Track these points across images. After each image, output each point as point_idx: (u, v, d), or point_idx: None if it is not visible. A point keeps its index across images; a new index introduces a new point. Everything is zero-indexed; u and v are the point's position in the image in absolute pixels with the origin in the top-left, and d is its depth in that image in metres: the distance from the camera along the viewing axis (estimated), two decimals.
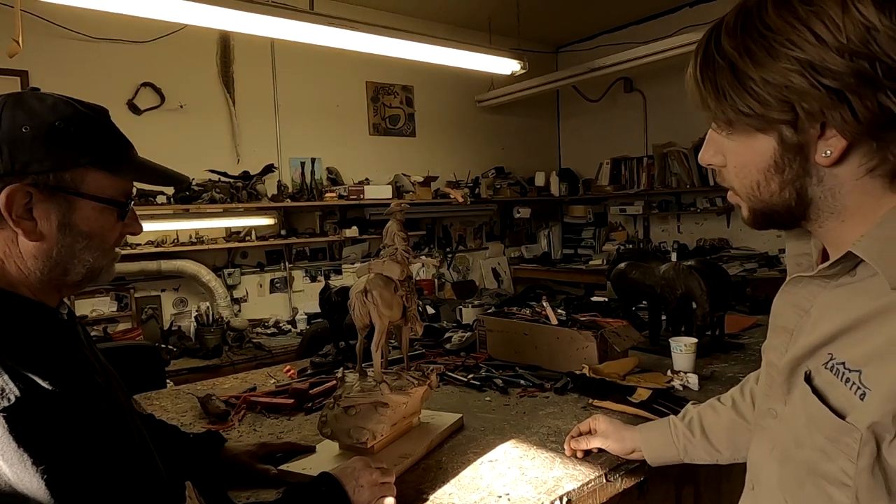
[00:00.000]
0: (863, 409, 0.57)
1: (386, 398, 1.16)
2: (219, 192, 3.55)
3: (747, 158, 0.64)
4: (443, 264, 5.01)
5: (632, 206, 5.15)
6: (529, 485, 1.09)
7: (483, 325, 1.99)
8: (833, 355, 0.63)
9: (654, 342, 1.96)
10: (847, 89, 0.55)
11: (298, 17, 2.62)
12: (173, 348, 3.34)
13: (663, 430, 1.11)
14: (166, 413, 1.58)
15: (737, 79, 0.60)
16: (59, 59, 3.27)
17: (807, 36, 0.56)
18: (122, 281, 3.51)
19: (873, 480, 0.57)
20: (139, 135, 3.64)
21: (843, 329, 0.62)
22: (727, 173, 0.68)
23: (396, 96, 4.67)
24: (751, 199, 0.67)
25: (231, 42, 3.83)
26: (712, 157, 0.69)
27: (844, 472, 0.59)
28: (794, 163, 0.61)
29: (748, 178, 0.65)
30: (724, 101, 0.62)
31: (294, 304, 4.14)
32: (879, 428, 0.56)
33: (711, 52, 0.63)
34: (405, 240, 1.25)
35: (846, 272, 0.64)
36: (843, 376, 0.60)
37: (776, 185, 0.63)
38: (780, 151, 0.61)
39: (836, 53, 0.55)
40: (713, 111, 0.64)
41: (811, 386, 0.65)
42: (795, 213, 0.65)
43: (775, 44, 0.57)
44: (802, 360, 0.67)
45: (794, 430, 0.67)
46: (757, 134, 0.62)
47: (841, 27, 0.54)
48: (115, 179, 0.83)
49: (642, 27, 4.88)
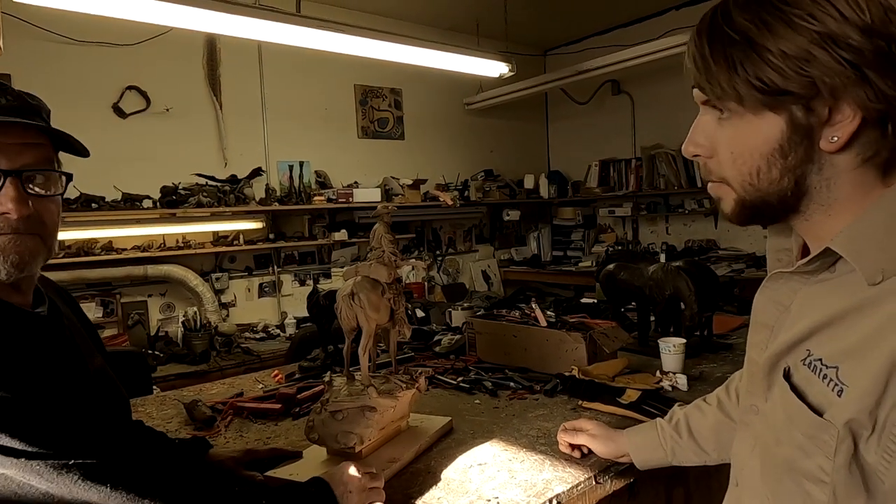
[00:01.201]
0: (840, 405, 0.57)
1: (374, 402, 1.15)
2: (206, 196, 3.52)
3: (750, 143, 0.62)
4: (432, 267, 5.00)
5: (620, 208, 5.17)
6: (519, 488, 1.08)
7: (472, 327, 1.98)
8: (811, 351, 0.62)
9: (642, 343, 1.97)
10: (867, 66, 0.55)
11: (285, 20, 2.61)
12: (160, 354, 3.30)
13: (650, 433, 1.11)
14: (151, 420, 1.56)
15: (753, 51, 0.58)
16: (43, 61, 3.23)
17: (829, 10, 0.55)
18: (107, 286, 3.47)
19: (850, 477, 0.57)
20: (125, 139, 3.61)
21: (821, 325, 0.62)
22: (716, 162, 0.66)
23: (385, 99, 4.66)
24: (745, 189, 0.64)
25: (218, 45, 3.80)
26: (699, 147, 0.67)
27: (822, 468, 0.59)
28: (799, 147, 0.60)
29: (747, 165, 0.63)
30: (736, 74, 0.59)
31: (283, 308, 4.12)
32: (856, 425, 0.56)
33: (720, 27, 0.60)
34: (392, 242, 1.24)
35: (826, 268, 0.64)
36: (821, 373, 0.60)
37: (777, 171, 0.61)
38: (788, 134, 0.59)
39: (858, 31, 0.54)
40: (722, 87, 0.61)
41: (790, 382, 0.64)
42: (788, 204, 0.63)
43: (794, 17, 0.56)
44: (781, 356, 0.67)
45: (774, 427, 0.67)
46: (765, 113, 0.60)
47: (864, 7, 0.55)
48: None
49: (629, 30, 4.91)
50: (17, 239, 0.82)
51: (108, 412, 0.93)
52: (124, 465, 0.77)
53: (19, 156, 0.82)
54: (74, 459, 0.73)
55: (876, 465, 0.55)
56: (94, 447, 0.76)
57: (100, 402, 0.91)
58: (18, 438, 0.72)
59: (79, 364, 0.89)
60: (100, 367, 0.96)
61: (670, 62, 3.98)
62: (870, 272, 0.57)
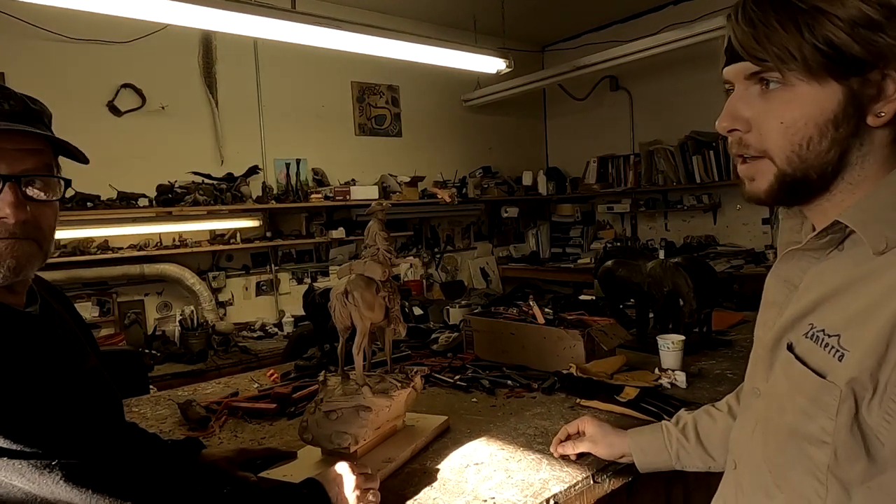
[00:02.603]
0: (842, 368, 0.59)
1: (368, 402, 1.14)
2: (202, 195, 3.50)
3: (805, 111, 0.62)
4: (431, 265, 4.98)
5: (619, 205, 5.16)
6: (515, 488, 1.07)
7: (470, 325, 1.97)
8: (813, 324, 0.65)
9: (641, 340, 1.95)
10: None
11: (281, 16, 2.59)
12: (157, 353, 3.29)
13: (655, 435, 1.08)
14: (146, 420, 1.55)
15: (825, 17, 0.60)
16: (37, 59, 3.21)
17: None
18: (104, 285, 3.45)
19: (852, 438, 0.59)
20: (120, 137, 3.60)
21: (824, 297, 0.64)
22: (757, 136, 0.66)
23: (382, 96, 4.64)
24: (790, 161, 0.64)
25: (213, 42, 3.78)
26: (737, 122, 0.66)
27: (824, 429, 0.60)
28: (851, 119, 0.61)
29: (799, 135, 0.63)
30: (805, 39, 0.60)
31: (280, 306, 4.10)
32: (857, 385, 0.58)
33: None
34: (387, 240, 1.22)
35: (835, 245, 0.66)
36: (823, 342, 0.62)
37: (827, 142, 0.62)
38: (844, 104, 0.61)
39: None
40: (790, 52, 0.61)
41: (793, 353, 0.66)
42: (825, 180, 0.64)
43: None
44: (786, 331, 0.69)
45: (777, 399, 0.69)
46: (827, 82, 0.61)
47: None
48: None
49: (627, 25, 4.89)
50: (14, 244, 0.82)
51: (99, 413, 0.91)
52: (109, 467, 0.76)
53: (20, 161, 0.82)
54: (58, 460, 0.72)
55: (877, 427, 0.57)
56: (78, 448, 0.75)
57: (91, 403, 0.90)
58: (2, 436, 0.71)
59: (70, 363, 0.88)
60: (93, 367, 0.95)
61: (668, 58, 3.97)
62: (875, 241, 0.60)
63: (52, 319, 0.92)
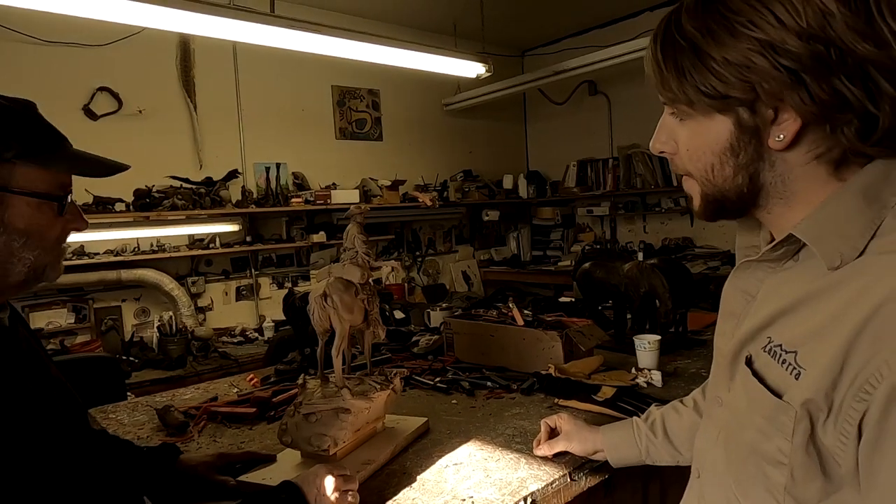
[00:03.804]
0: (797, 387, 0.59)
1: (347, 404, 1.14)
2: (181, 199, 3.47)
3: (703, 141, 0.65)
4: (412, 268, 4.98)
5: (598, 207, 5.21)
6: (494, 486, 1.08)
7: (450, 327, 1.98)
8: (771, 338, 0.64)
9: (619, 340, 1.98)
10: (804, 71, 0.56)
11: (259, 20, 2.58)
12: (135, 360, 3.24)
13: (626, 431, 1.11)
14: (123, 426, 1.53)
15: (699, 58, 0.61)
16: (9, 62, 3.15)
17: (768, 18, 0.57)
18: (80, 291, 3.40)
19: (808, 459, 0.58)
20: (96, 141, 3.56)
21: (781, 311, 0.64)
22: (680, 159, 0.69)
23: (363, 100, 4.64)
24: (705, 184, 0.67)
25: (191, 45, 3.75)
26: (664, 144, 0.70)
27: (780, 450, 0.60)
28: (748, 146, 0.62)
29: (702, 162, 0.66)
30: (685, 80, 0.62)
31: (261, 311, 4.07)
32: (813, 406, 0.57)
33: (672, 33, 0.63)
34: (365, 243, 1.23)
35: (790, 256, 0.66)
36: (780, 358, 0.62)
37: (730, 168, 0.64)
38: (737, 134, 0.62)
39: (795, 36, 0.56)
40: (674, 92, 0.64)
41: (751, 369, 0.66)
42: (746, 200, 0.66)
43: (737, 24, 0.58)
44: (745, 343, 0.68)
45: (737, 414, 0.68)
46: (715, 115, 0.63)
47: (801, 11, 0.56)
48: (48, 172, 0.81)
49: (606, 31, 4.95)
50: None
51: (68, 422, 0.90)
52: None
53: None
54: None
55: (833, 447, 0.56)
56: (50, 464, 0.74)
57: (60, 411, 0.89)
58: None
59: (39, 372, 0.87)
60: (56, 376, 0.94)
61: None
62: (829, 256, 0.59)
63: (18, 328, 0.91)
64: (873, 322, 0.53)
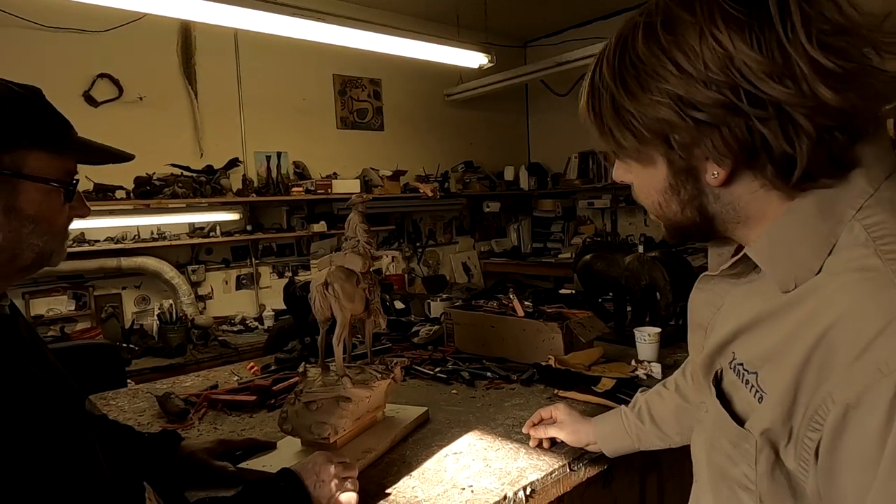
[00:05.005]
0: (759, 413, 0.58)
1: (348, 392, 1.14)
2: (181, 187, 3.46)
3: (646, 182, 0.65)
4: (413, 259, 4.99)
5: (599, 200, 5.20)
6: (493, 476, 1.08)
7: (450, 318, 1.98)
8: (735, 355, 0.64)
9: (619, 332, 1.98)
10: (715, 120, 0.54)
11: (262, 7, 2.57)
12: (135, 347, 3.25)
13: (616, 421, 1.13)
14: (123, 413, 1.54)
15: (616, 113, 0.60)
16: (9, 48, 3.13)
17: (669, 67, 0.55)
18: (80, 279, 3.40)
19: (774, 485, 0.57)
20: (96, 128, 3.55)
21: (743, 328, 0.63)
22: (636, 194, 0.69)
23: (364, 90, 4.62)
24: (659, 217, 0.68)
25: (192, 32, 3.73)
26: (623, 175, 0.69)
27: (747, 476, 0.60)
28: (687, 184, 0.61)
29: (650, 199, 0.66)
30: (608, 135, 0.63)
31: (261, 300, 4.08)
32: (772, 434, 0.56)
33: (596, 82, 0.63)
34: (367, 232, 1.23)
35: (751, 270, 0.65)
36: (744, 378, 0.61)
37: (676, 205, 0.64)
38: (672, 175, 0.62)
39: (700, 85, 0.54)
40: (606, 141, 0.64)
41: (719, 388, 0.66)
42: (703, 229, 0.65)
43: (644, 75, 0.57)
44: (715, 357, 0.68)
45: (710, 432, 0.68)
46: (651, 156, 0.62)
47: (700, 55, 0.53)
48: (58, 159, 0.81)
49: (609, 22, 4.92)
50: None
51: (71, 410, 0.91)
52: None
53: None
54: None
55: (796, 472, 0.56)
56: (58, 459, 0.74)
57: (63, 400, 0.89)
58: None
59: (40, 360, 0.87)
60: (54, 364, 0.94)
61: None
62: (782, 280, 0.58)
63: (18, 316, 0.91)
64: (819, 349, 0.52)
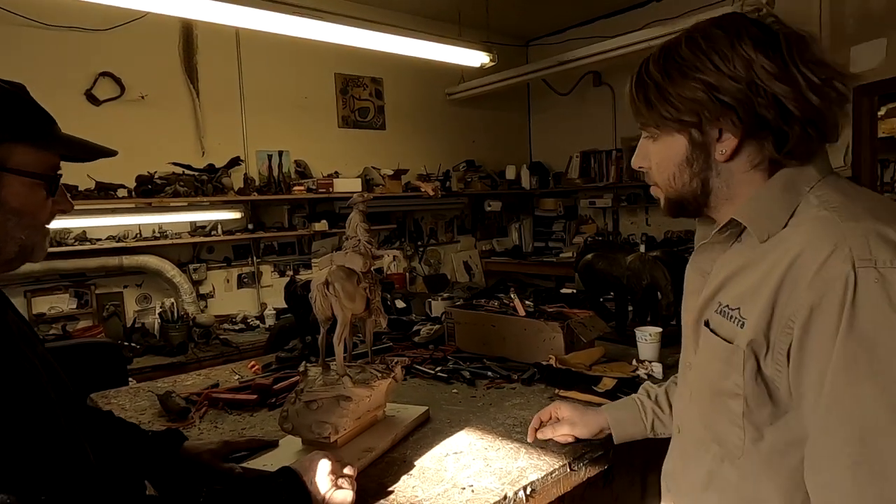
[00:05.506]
0: (743, 333, 0.77)
1: (348, 392, 1.14)
2: (183, 186, 3.46)
3: (667, 155, 0.85)
4: (414, 258, 4.98)
5: (601, 199, 5.20)
6: (493, 476, 1.08)
7: (451, 317, 1.98)
8: (721, 302, 0.83)
9: (620, 332, 1.98)
10: (735, 102, 0.76)
11: (262, 6, 2.57)
12: (137, 346, 3.26)
13: (630, 408, 1.19)
14: (124, 412, 1.54)
15: (660, 93, 0.81)
16: (11, 47, 3.14)
17: (707, 64, 0.77)
18: (82, 277, 3.40)
19: (757, 388, 0.76)
20: (98, 126, 3.55)
21: (728, 278, 0.83)
22: (652, 172, 0.90)
23: (366, 88, 4.61)
24: (668, 189, 0.88)
25: (194, 31, 3.73)
26: (642, 161, 0.91)
27: (737, 384, 0.78)
28: (700, 158, 0.82)
29: (667, 171, 0.86)
30: (652, 109, 0.83)
31: (262, 299, 4.08)
32: (755, 345, 0.75)
33: (643, 76, 0.85)
34: (368, 231, 1.23)
35: (734, 238, 0.85)
36: (728, 315, 0.80)
37: (687, 175, 0.84)
38: (690, 149, 0.82)
39: (727, 78, 0.76)
40: (645, 118, 0.85)
41: (709, 329, 0.84)
42: (700, 201, 0.86)
43: (686, 68, 0.79)
44: (703, 311, 0.87)
45: (703, 368, 0.87)
46: (675, 134, 0.83)
47: (731, 59, 0.76)
48: (42, 154, 0.83)
49: (611, 21, 4.91)
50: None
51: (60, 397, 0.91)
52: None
53: None
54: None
55: (773, 376, 0.75)
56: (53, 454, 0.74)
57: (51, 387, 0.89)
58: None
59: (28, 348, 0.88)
60: (42, 352, 0.94)
61: None
62: (760, 232, 0.78)
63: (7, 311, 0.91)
64: (789, 274, 0.72)
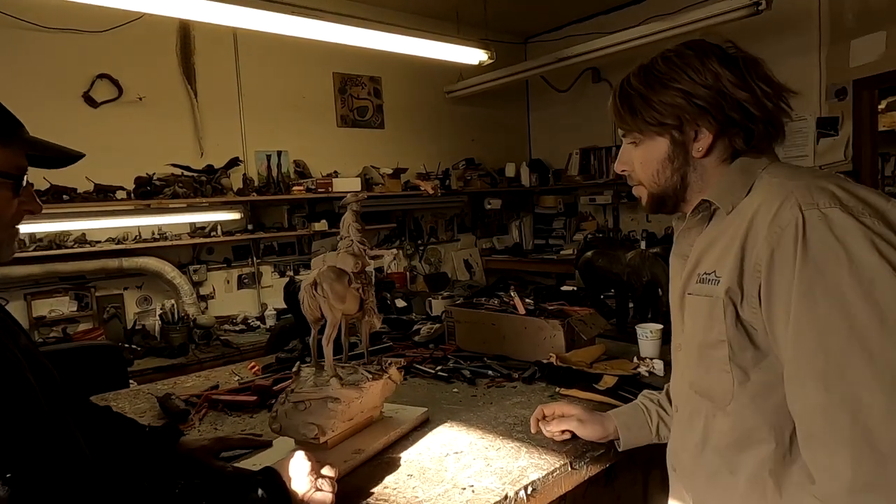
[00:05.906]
0: (719, 287, 0.88)
1: (336, 393, 1.13)
2: (182, 187, 3.45)
3: (651, 155, 0.97)
4: (414, 257, 4.98)
5: (601, 196, 5.18)
6: (494, 475, 1.08)
7: (452, 316, 1.97)
8: (699, 273, 0.94)
9: (621, 329, 1.97)
10: (709, 106, 0.90)
11: (260, 6, 2.55)
12: (137, 348, 3.25)
13: (637, 413, 1.20)
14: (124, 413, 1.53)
15: (645, 102, 0.94)
16: (9, 49, 3.12)
17: (683, 76, 0.91)
18: (81, 279, 3.40)
19: (738, 333, 0.86)
20: (96, 128, 3.53)
21: (703, 252, 0.95)
22: (635, 173, 1.01)
23: (364, 87, 4.60)
24: (652, 186, 0.99)
25: (191, 32, 3.72)
26: (624, 165, 1.02)
27: (720, 332, 0.88)
28: (680, 156, 0.95)
29: (651, 169, 0.98)
30: (636, 116, 0.95)
31: (263, 299, 4.07)
32: (732, 293, 0.86)
33: (626, 88, 0.97)
34: (360, 231, 1.22)
35: (706, 221, 0.97)
36: (707, 279, 0.92)
37: (669, 171, 0.96)
38: (672, 148, 0.95)
39: (700, 87, 0.90)
40: (629, 125, 0.97)
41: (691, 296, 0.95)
42: (679, 195, 0.98)
43: (665, 80, 0.92)
44: (685, 287, 0.97)
45: (689, 335, 0.96)
46: (657, 137, 0.95)
47: (702, 72, 0.90)
48: (5, 152, 0.84)
49: (609, 17, 4.89)
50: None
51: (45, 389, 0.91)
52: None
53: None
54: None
55: (751, 319, 0.85)
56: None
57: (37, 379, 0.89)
58: None
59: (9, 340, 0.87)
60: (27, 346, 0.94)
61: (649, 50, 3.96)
62: (725, 205, 0.92)
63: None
64: (752, 227, 0.85)
